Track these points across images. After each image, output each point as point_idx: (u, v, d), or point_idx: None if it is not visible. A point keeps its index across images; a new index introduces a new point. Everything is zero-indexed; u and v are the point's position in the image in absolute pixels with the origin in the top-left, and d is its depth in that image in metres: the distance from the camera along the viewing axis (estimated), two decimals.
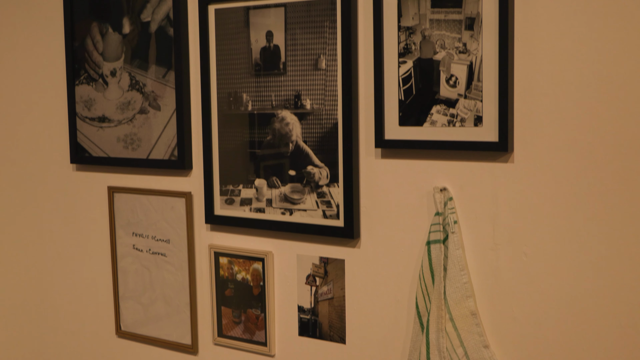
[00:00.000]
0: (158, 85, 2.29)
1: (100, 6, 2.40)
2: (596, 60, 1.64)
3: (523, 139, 1.74)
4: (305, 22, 1.99)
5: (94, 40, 2.42)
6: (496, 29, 1.72)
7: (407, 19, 1.84)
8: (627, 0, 1.60)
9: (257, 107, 2.10)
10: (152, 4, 2.28)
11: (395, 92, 1.87)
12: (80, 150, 2.50)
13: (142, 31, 2.31)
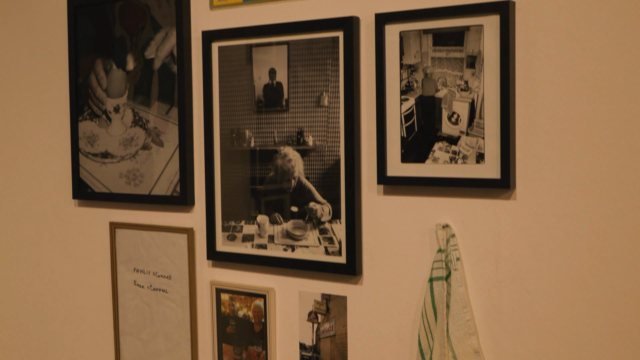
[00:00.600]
0: (161, 122, 2.30)
1: (104, 43, 2.42)
2: (597, 97, 1.66)
3: (525, 176, 1.75)
4: (307, 59, 2.01)
5: (98, 77, 2.44)
6: (497, 67, 1.74)
7: (409, 57, 1.86)
8: (626, 40, 1.62)
9: (260, 143, 2.11)
10: (156, 41, 2.30)
11: (397, 129, 1.88)
12: (82, 186, 2.50)
13: (145, 68, 2.33)
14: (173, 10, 2.25)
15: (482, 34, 1.76)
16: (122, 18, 2.38)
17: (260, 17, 2.11)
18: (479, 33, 1.76)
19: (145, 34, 2.32)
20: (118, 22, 2.39)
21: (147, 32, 2.32)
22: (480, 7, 1.75)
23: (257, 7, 2.11)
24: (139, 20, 2.34)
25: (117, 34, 2.39)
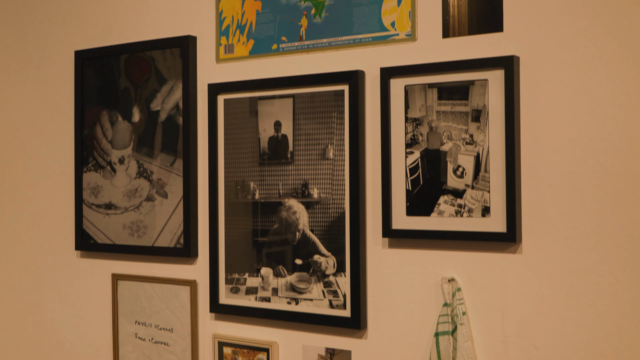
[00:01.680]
0: (165, 173, 2.32)
1: (110, 95, 2.45)
2: (601, 151, 1.67)
3: (531, 229, 1.75)
4: (313, 112, 2.03)
5: (104, 128, 2.46)
6: (502, 121, 1.76)
7: (414, 111, 1.88)
8: (629, 94, 1.64)
9: (264, 195, 2.12)
10: (162, 94, 2.33)
11: (402, 182, 1.89)
12: (85, 237, 2.50)
13: (151, 120, 2.35)
14: (178, 63, 2.28)
15: (487, 88, 1.78)
16: (127, 70, 2.41)
17: (266, 71, 2.14)
18: (484, 87, 1.78)
19: (149, 85, 2.35)
20: (123, 74, 2.42)
21: (152, 84, 2.34)
22: (485, 62, 1.77)
23: (263, 60, 2.14)
24: (143, 72, 2.37)
25: (122, 86, 2.42)
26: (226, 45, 2.21)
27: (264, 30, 2.13)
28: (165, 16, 2.34)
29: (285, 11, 2.10)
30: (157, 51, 2.34)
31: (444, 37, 1.87)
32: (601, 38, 1.68)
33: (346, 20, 2.00)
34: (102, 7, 2.50)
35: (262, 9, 2.14)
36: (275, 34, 2.11)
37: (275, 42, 2.12)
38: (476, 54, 1.81)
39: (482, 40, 1.81)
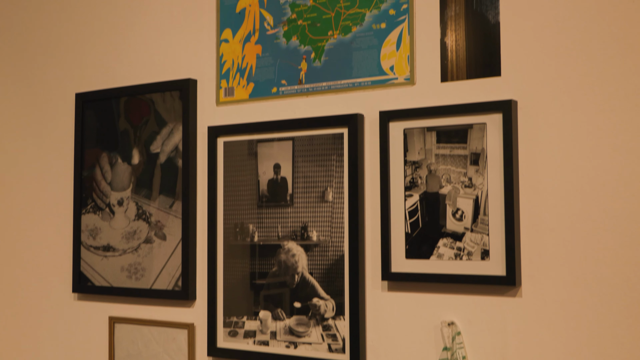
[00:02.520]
0: (164, 215, 2.32)
1: (109, 136, 2.47)
2: (601, 195, 1.68)
3: (530, 273, 1.75)
4: (312, 155, 2.05)
5: (103, 170, 2.47)
6: (501, 164, 1.77)
7: (413, 154, 1.90)
8: (627, 138, 1.66)
9: (263, 238, 2.12)
10: (162, 136, 2.34)
11: (401, 225, 1.90)
12: (83, 279, 2.50)
13: (150, 162, 2.36)
14: (178, 105, 2.30)
15: (485, 132, 1.80)
16: (126, 112, 2.43)
17: (266, 113, 2.16)
18: (482, 131, 1.80)
19: (149, 127, 2.37)
20: (123, 116, 2.44)
21: (151, 126, 2.36)
22: (483, 106, 1.79)
23: (263, 103, 2.17)
24: (143, 114, 2.39)
25: (122, 128, 2.44)
26: (226, 88, 2.23)
27: (264, 73, 2.16)
28: (166, 59, 2.38)
29: (285, 55, 2.13)
30: (157, 93, 2.36)
31: (442, 81, 1.89)
32: (598, 82, 1.70)
33: (345, 64, 2.03)
34: (104, 50, 2.53)
35: (263, 53, 2.17)
36: (275, 77, 2.14)
37: (275, 86, 2.14)
38: (474, 98, 1.83)
39: (480, 84, 1.84)
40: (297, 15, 2.12)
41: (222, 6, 2.25)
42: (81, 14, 2.59)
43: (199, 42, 2.30)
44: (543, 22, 1.77)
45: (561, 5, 1.75)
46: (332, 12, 2.06)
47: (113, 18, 2.51)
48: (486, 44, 1.83)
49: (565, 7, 1.75)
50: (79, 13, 2.60)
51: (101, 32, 2.54)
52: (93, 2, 2.57)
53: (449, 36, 1.89)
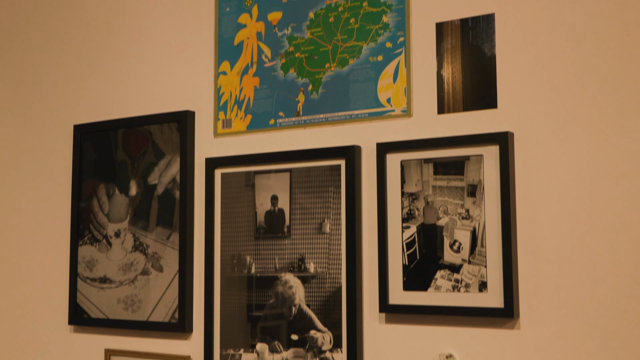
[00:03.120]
0: (161, 247, 2.32)
1: (107, 168, 2.47)
2: (598, 226, 1.68)
3: (528, 305, 1.75)
4: (310, 186, 2.05)
5: (100, 202, 2.48)
6: (498, 196, 1.78)
7: (410, 185, 1.90)
8: (623, 169, 1.67)
9: (260, 269, 2.12)
10: (159, 168, 2.35)
11: (399, 256, 1.90)
12: (79, 311, 2.49)
13: (148, 193, 2.37)
14: (176, 136, 2.31)
15: (482, 164, 1.80)
16: (124, 143, 2.44)
17: (264, 145, 2.17)
18: (479, 162, 1.81)
19: (146, 158, 2.38)
20: (120, 147, 2.45)
21: (149, 157, 2.37)
22: (480, 137, 1.80)
23: (261, 135, 2.18)
24: (140, 146, 2.40)
25: (119, 159, 2.45)
26: (224, 120, 2.24)
27: (262, 105, 2.18)
28: (164, 91, 2.39)
29: (283, 87, 2.14)
30: (155, 125, 2.37)
31: (439, 113, 1.90)
32: (594, 114, 1.71)
33: (343, 96, 2.04)
34: (102, 82, 2.55)
35: (260, 85, 2.19)
36: (273, 109, 2.16)
37: (272, 117, 2.16)
38: (471, 130, 1.84)
39: (477, 116, 1.85)
40: (294, 48, 2.14)
41: (221, 39, 2.27)
42: (80, 45, 2.61)
43: (197, 74, 2.32)
44: (539, 54, 1.79)
45: (556, 38, 1.77)
46: (330, 45, 2.08)
47: (111, 50, 2.53)
48: (482, 77, 1.85)
49: (560, 39, 1.77)
50: (77, 45, 2.62)
51: (99, 64, 2.56)
52: (92, 34, 2.59)
53: (446, 69, 1.90)
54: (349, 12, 2.05)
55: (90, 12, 2.60)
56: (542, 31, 1.79)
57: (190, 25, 2.35)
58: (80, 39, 2.62)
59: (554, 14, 1.78)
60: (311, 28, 2.11)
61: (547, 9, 1.79)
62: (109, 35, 2.55)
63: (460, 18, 1.90)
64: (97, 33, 2.58)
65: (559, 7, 1.77)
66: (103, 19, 2.57)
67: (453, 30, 1.90)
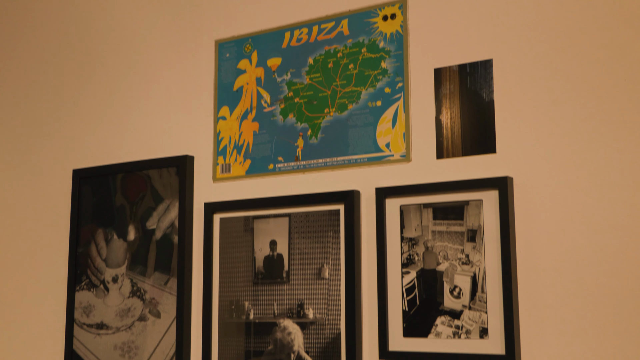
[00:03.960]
0: (158, 292, 2.30)
1: (105, 212, 2.47)
2: (599, 272, 1.67)
3: (530, 352, 1.73)
4: (309, 231, 2.05)
5: (98, 247, 2.47)
6: (498, 241, 1.77)
7: (409, 230, 1.90)
8: (623, 213, 1.66)
9: (259, 315, 2.10)
10: (158, 212, 2.35)
11: (399, 302, 1.88)
12: (75, 358, 2.46)
13: (146, 238, 2.36)
14: (175, 181, 2.31)
15: (481, 209, 1.80)
16: (123, 188, 2.44)
17: (263, 190, 2.17)
18: (479, 208, 1.81)
19: (145, 202, 2.37)
20: (119, 192, 2.45)
21: (148, 201, 2.37)
22: (479, 182, 1.80)
23: (260, 180, 2.18)
24: (139, 190, 2.40)
25: (118, 204, 2.44)
26: (223, 165, 2.25)
27: (261, 150, 2.18)
28: (164, 136, 2.40)
29: (282, 132, 2.15)
30: (154, 170, 2.37)
31: (438, 158, 1.91)
32: (593, 159, 1.72)
33: (342, 141, 2.05)
34: (102, 127, 2.56)
35: (260, 130, 2.19)
36: (272, 154, 2.16)
37: (271, 162, 2.16)
38: (470, 175, 1.85)
39: (476, 161, 1.85)
40: (293, 93, 2.15)
41: (220, 84, 2.29)
42: (80, 90, 2.63)
43: (197, 119, 2.33)
44: (537, 99, 1.80)
45: (554, 82, 1.78)
46: (329, 90, 2.09)
47: (111, 95, 2.55)
48: (481, 122, 1.86)
49: (558, 84, 1.78)
50: (77, 90, 2.64)
51: (99, 109, 2.57)
52: (92, 79, 2.61)
53: (444, 114, 1.91)
54: (348, 58, 2.07)
55: (91, 57, 2.63)
56: (539, 76, 1.80)
57: (190, 71, 2.37)
58: (81, 84, 2.64)
59: (551, 59, 1.80)
60: (310, 73, 2.13)
61: (544, 54, 1.80)
62: (108, 80, 2.57)
63: (459, 64, 1.91)
64: (97, 78, 2.60)
65: (556, 53, 1.79)
66: (103, 64, 2.59)
67: (451, 75, 1.92)
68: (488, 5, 1.89)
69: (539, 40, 1.82)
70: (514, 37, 1.85)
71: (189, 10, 2.40)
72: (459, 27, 1.92)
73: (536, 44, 1.82)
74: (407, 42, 1.99)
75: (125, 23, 2.56)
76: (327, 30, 2.12)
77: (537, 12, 1.83)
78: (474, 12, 1.91)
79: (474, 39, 1.90)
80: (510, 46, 1.85)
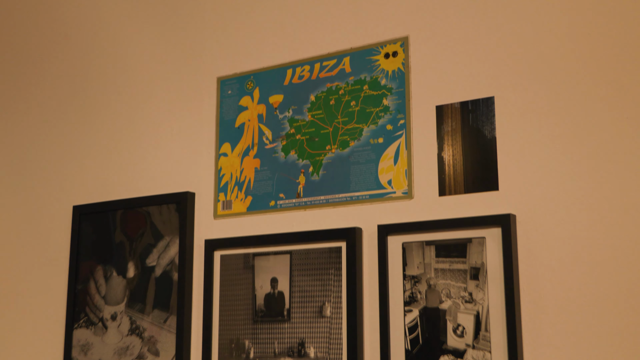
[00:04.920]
0: (157, 330, 2.28)
1: (105, 249, 2.45)
2: (603, 310, 1.66)
3: None
4: (310, 268, 2.03)
5: (97, 284, 2.45)
6: (501, 279, 1.76)
7: (412, 268, 1.88)
8: (628, 250, 1.65)
9: (259, 354, 2.08)
10: (158, 249, 2.33)
11: (401, 341, 1.86)
12: None
13: (146, 275, 2.34)
14: (175, 217, 2.30)
15: (484, 246, 1.79)
16: (123, 224, 2.43)
17: (264, 227, 2.16)
18: (482, 245, 1.79)
19: (145, 239, 2.36)
20: (119, 228, 2.43)
21: (147, 238, 2.36)
22: (482, 220, 1.80)
23: (261, 216, 2.17)
24: (139, 227, 2.39)
25: (117, 240, 2.43)
26: (224, 202, 2.24)
27: (262, 187, 2.18)
28: (165, 172, 2.39)
29: (284, 169, 2.15)
30: (154, 206, 2.37)
31: (440, 195, 1.90)
32: (597, 196, 1.71)
33: (343, 178, 2.04)
34: (102, 163, 2.55)
35: (261, 167, 2.19)
36: (273, 190, 2.16)
37: (273, 199, 2.15)
38: (473, 212, 1.84)
39: (478, 198, 1.85)
40: (295, 130, 2.15)
41: (222, 121, 2.29)
42: (81, 126, 2.63)
43: (198, 155, 2.33)
44: (539, 136, 1.80)
45: (557, 119, 1.78)
46: (330, 127, 2.09)
47: (112, 131, 2.55)
48: (483, 159, 1.86)
49: (560, 121, 1.78)
50: (78, 125, 2.64)
51: (100, 145, 2.57)
52: (92, 114, 2.61)
53: (446, 151, 1.91)
54: (349, 95, 2.08)
55: (91, 93, 2.64)
56: (542, 113, 1.81)
57: (192, 108, 2.38)
58: (81, 120, 2.64)
59: (553, 96, 1.80)
60: (312, 110, 2.14)
61: (546, 91, 1.81)
62: (109, 116, 2.57)
63: (460, 101, 1.92)
64: (97, 114, 2.61)
65: (558, 89, 1.80)
66: (104, 100, 2.60)
67: (453, 112, 1.92)
68: (489, 42, 1.90)
69: (540, 77, 1.82)
70: (515, 74, 1.85)
71: (190, 47, 2.42)
72: (461, 65, 1.93)
73: (538, 80, 1.82)
74: (408, 80, 2.00)
75: (127, 60, 2.57)
76: (329, 68, 2.13)
77: (538, 49, 1.84)
78: (475, 49, 1.92)
79: (475, 76, 1.91)
80: (511, 83, 1.86)
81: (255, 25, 2.30)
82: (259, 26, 2.29)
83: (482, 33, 1.92)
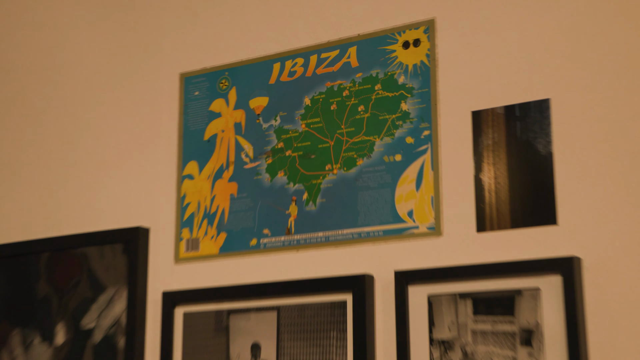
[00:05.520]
0: None
1: (24, 307, 2.44)
2: None
3: None
4: (304, 330, 2.04)
5: (13, 354, 2.44)
6: (564, 345, 1.75)
7: (441, 330, 1.89)
8: None
9: None
10: (98, 305, 2.33)
11: None
12: None
13: (81, 341, 2.33)
14: (121, 263, 2.30)
15: (539, 301, 1.80)
16: (49, 272, 2.42)
17: (242, 274, 2.16)
18: (535, 299, 1.80)
19: (79, 292, 2.36)
20: (44, 278, 2.43)
21: (83, 291, 2.35)
22: (536, 264, 1.80)
23: (238, 260, 2.17)
24: (72, 275, 2.38)
25: (41, 294, 2.42)
26: (189, 240, 2.25)
27: (241, 220, 2.19)
28: (108, 202, 2.40)
29: (269, 195, 2.16)
30: (93, 247, 2.36)
31: (478, 231, 1.91)
32: None
33: (349, 208, 2.05)
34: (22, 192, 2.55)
35: (239, 193, 2.20)
36: (255, 225, 2.16)
37: (254, 237, 2.16)
38: (523, 255, 1.84)
39: (530, 235, 1.85)
40: (284, 144, 2.17)
41: (186, 132, 2.30)
42: None
43: (154, 178, 2.34)
44: (611, 151, 1.80)
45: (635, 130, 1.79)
46: (331, 140, 2.11)
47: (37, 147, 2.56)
48: (536, 182, 1.87)
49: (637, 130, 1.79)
50: None
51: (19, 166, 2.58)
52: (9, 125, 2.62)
53: (486, 172, 1.92)
54: (356, 98, 2.10)
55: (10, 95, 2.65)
56: (614, 121, 1.80)
57: (145, 114, 2.38)
58: None
59: (629, 99, 1.80)
60: (307, 118, 2.15)
61: (620, 92, 1.81)
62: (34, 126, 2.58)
63: (505, 105, 1.93)
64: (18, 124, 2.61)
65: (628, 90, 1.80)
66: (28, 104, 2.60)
67: (495, 120, 1.94)
68: (544, 26, 1.92)
69: (611, 74, 1.83)
70: (579, 69, 1.87)
71: (144, 34, 2.43)
72: (505, 57, 1.95)
73: (608, 78, 1.83)
74: (435, 77, 2.02)
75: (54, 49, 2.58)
76: (329, 61, 2.15)
77: (611, 37, 1.84)
78: (524, 36, 1.93)
79: (525, 72, 1.92)
80: (574, 81, 1.87)
81: (231, 4, 2.32)
82: (236, 6, 2.31)
83: (534, 13, 1.93)
